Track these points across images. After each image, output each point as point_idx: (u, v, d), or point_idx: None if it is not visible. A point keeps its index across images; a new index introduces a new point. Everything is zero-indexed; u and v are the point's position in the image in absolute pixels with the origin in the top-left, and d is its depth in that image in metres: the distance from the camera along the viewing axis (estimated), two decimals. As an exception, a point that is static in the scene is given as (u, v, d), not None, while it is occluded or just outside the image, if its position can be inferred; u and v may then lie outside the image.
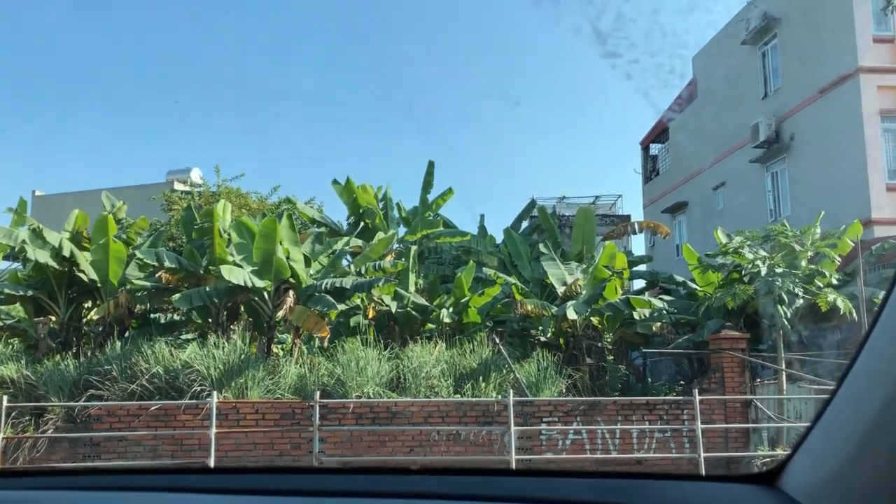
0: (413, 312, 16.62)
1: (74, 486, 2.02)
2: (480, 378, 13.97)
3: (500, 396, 13.44)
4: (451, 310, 16.60)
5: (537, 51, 72.83)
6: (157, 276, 15.13)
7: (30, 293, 15.09)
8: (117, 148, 65.54)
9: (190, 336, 16.59)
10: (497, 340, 14.92)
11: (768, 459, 12.93)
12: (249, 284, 14.01)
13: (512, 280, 16.99)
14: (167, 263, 14.68)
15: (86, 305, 16.16)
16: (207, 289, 14.47)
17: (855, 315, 13.51)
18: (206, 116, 66.39)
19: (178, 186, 33.06)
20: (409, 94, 67.47)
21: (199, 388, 12.98)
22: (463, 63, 68.45)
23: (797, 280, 13.90)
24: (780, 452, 13.06)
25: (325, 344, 15.36)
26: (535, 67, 71.59)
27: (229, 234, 15.37)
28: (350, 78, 68.71)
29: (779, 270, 14.03)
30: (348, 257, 17.26)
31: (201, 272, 15.17)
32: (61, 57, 63.21)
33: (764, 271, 14.06)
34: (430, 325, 16.83)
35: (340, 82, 67.70)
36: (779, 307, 13.76)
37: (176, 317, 17.36)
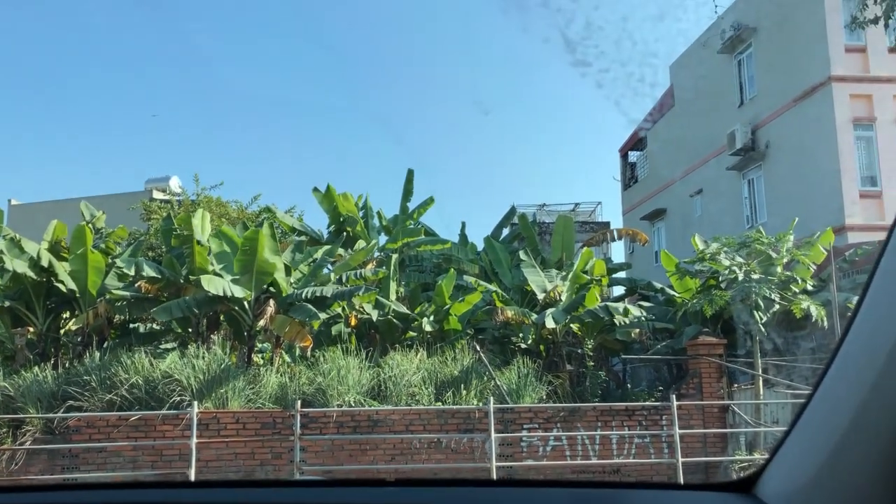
0: (394, 320, 16.62)
1: (53, 503, 2.03)
2: (461, 385, 13.99)
3: (480, 404, 13.47)
4: (431, 318, 16.60)
5: (514, 60, 73.14)
6: (136, 285, 14.98)
7: (7, 304, 14.92)
8: (95, 156, 64.92)
9: (170, 346, 16.46)
10: (478, 348, 14.94)
11: (746, 464, 13.07)
12: (229, 294, 13.94)
13: (492, 287, 17.03)
14: (147, 273, 14.57)
15: (64, 316, 15.99)
16: (187, 298, 14.36)
17: (828, 321, 13.72)
18: (185, 125, 65.97)
19: (157, 195, 32.81)
20: (390, 105, 67.49)
21: (179, 399, 12.89)
22: (440, 73, 68.57)
23: (773, 286, 14.09)
24: (758, 457, 13.20)
25: (308, 353, 15.32)
26: (512, 76, 71.87)
27: (209, 243, 15.29)
28: (326, 88, 68.55)
29: (755, 277, 14.22)
30: (329, 266, 17.21)
31: (181, 281, 15.06)
32: (37, 65, 62.53)
33: (740, 278, 14.25)
34: (412, 333, 16.82)
35: (316, 92, 67.51)
36: (755, 313, 13.93)
37: (156, 326, 17.19)
